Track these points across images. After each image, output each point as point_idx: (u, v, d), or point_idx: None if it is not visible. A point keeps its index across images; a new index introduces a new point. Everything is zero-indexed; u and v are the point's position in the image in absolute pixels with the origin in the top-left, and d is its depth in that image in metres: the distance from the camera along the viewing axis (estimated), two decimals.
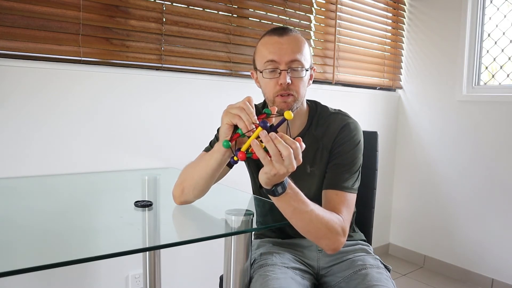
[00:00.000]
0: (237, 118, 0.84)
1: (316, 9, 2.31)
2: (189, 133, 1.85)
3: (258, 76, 1.13)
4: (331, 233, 0.97)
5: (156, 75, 1.74)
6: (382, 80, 2.77)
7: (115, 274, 1.68)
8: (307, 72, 1.10)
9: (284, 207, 0.91)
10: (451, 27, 2.57)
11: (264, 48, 1.09)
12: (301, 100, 1.11)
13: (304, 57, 1.08)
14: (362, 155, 1.14)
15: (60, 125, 1.52)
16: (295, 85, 1.07)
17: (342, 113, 1.19)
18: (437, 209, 2.67)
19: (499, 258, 2.37)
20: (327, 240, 0.98)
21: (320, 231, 0.96)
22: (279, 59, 1.05)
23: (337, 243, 0.99)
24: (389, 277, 1.09)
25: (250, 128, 0.83)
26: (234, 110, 0.85)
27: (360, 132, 1.16)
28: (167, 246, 0.83)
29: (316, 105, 1.21)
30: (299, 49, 1.07)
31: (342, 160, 1.11)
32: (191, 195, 1.03)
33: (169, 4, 1.76)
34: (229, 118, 0.86)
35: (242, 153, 0.83)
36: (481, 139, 2.45)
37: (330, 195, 1.08)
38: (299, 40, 1.09)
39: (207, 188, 1.02)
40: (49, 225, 0.96)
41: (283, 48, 1.06)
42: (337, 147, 1.12)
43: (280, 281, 1.00)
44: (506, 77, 2.44)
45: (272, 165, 0.78)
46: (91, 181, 1.52)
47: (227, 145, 0.87)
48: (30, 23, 1.44)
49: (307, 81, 1.13)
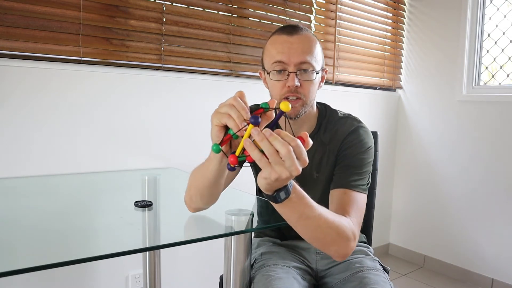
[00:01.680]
0: (227, 117, 0.73)
1: (316, 9, 2.31)
2: (189, 133, 1.85)
3: (265, 77, 1.08)
4: (341, 239, 0.88)
5: (156, 75, 1.74)
6: (382, 80, 2.77)
7: (115, 274, 1.68)
8: (318, 75, 1.04)
9: (288, 214, 0.79)
10: (451, 27, 2.57)
11: (273, 48, 1.03)
12: (310, 104, 1.06)
13: (315, 58, 1.02)
14: (372, 161, 1.08)
15: (60, 125, 1.52)
16: (304, 88, 1.02)
17: (352, 117, 1.14)
18: (437, 209, 2.67)
19: (499, 258, 2.37)
20: (336, 246, 0.89)
21: (329, 237, 0.87)
22: (288, 60, 1.00)
23: (347, 249, 0.90)
24: (387, 279, 1.07)
25: (242, 126, 0.71)
26: (223, 108, 0.74)
27: (370, 137, 1.10)
28: (167, 246, 0.83)
29: (325, 108, 1.17)
30: (310, 49, 1.01)
31: (350, 162, 1.05)
32: (201, 203, 0.94)
33: (169, 4, 1.76)
34: (217, 119, 0.75)
35: (233, 156, 0.71)
36: (481, 139, 2.45)
37: (337, 194, 1.02)
38: (310, 40, 1.03)
39: (215, 195, 0.92)
40: (49, 225, 0.96)
41: (293, 48, 1.00)
42: (344, 149, 1.07)
43: (283, 281, 0.99)
44: (506, 77, 2.44)
45: (271, 168, 0.66)
46: (91, 181, 1.52)
47: (217, 150, 0.75)
48: (30, 23, 1.44)
49: (318, 84, 1.07)
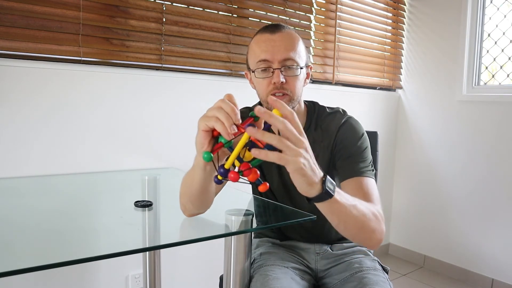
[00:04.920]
0: (214, 119, 0.68)
1: (316, 9, 2.31)
2: (189, 133, 1.84)
3: (251, 76, 1.10)
4: (379, 222, 0.89)
5: (156, 75, 1.74)
6: (382, 80, 2.77)
7: (115, 274, 1.68)
8: (302, 70, 1.06)
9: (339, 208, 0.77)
10: (451, 27, 2.57)
11: (256, 47, 1.05)
12: (297, 99, 1.07)
13: (298, 54, 1.04)
14: (369, 147, 1.09)
15: (60, 125, 1.52)
16: (289, 84, 1.03)
17: (340, 112, 1.16)
18: (437, 209, 2.67)
19: (499, 258, 2.37)
20: (377, 233, 0.89)
21: (372, 223, 0.87)
22: (272, 57, 1.01)
23: (383, 233, 0.91)
24: (386, 279, 1.07)
25: (232, 131, 0.67)
26: (210, 111, 0.70)
27: (360, 126, 1.12)
28: (167, 246, 0.83)
29: (314, 105, 1.18)
30: (293, 46, 1.03)
31: (350, 153, 1.06)
32: (194, 209, 0.92)
33: (169, 4, 1.76)
34: (204, 122, 0.70)
35: (234, 173, 0.67)
36: (481, 139, 2.45)
37: (349, 184, 1.01)
38: (292, 37, 1.04)
39: (206, 201, 0.91)
40: (49, 225, 0.96)
41: (276, 46, 1.01)
42: (339, 143, 1.09)
43: (280, 281, 1.00)
44: (506, 77, 2.44)
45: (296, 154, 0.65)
46: (91, 181, 1.52)
47: (208, 158, 0.70)
48: (30, 23, 1.44)
49: (303, 80, 1.08)
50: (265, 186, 0.70)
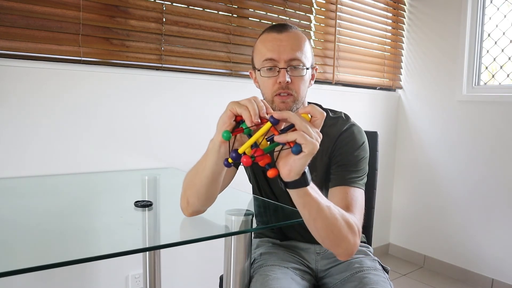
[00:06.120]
0: (244, 108, 0.74)
1: (316, 9, 2.31)
2: (189, 133, 1.85)
3: (256, 75, 1.09)
4: (352, 233, 0.88)
5: (156, 75, 1.74)
6: (382, 80, 2.77)
7: (115, 274, 1.68)
8: (308, 71, 1.05)
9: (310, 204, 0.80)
10: (451, 27, 2.57)
11: (263, 46, 1.05)
12: (301, 100, 1.06)
13: (305, 55, 1.03)
14: (367, 157, 1.08)
15: (60, 125, 1.52)
16: (294, 84, 1.02)
17: (343, 117, 1.14)
18: (437, 209, 2.67)
19: (499, 258, 2.37)
20: (347, 242, 0.88)
21: (343, 230, 0.86)
22: (278, 57, 1.01)
23: (355, 245, 0.90)
24: (386, 279, 1.07)
25: (256, 122, 0.73)
26: (243, 101, 0.76)
27: (362, 134, 1.10)
28: (167, 246, 0.83)
29: None
30: (299, 46, 1.03)
31: (346, 161, 1.05)
32: (198, 204, 0.92)
33: (169, 4, 1.76)
34: (234, 106, 0.75)
35: (246, 157, 0.71)
36: (481, 139, 2.45)
37: (337, 192, 1.01)
38: (299, 37, 1.04)
39: (213, 194, 0.91)
40: (49, 225, 0.96)
41: (282, 46, 1.01)
42: (338, 149, 1.07)
43: (280, 281, 1.00)
44: (506, 77, 2.44)
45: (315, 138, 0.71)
46: (91, 181, 1.52)
47: (227, 137, 0.75)
48: (30, 23, 1.44)
49: (308, 81, 1.08)
50: (274, 171, 0.73)
